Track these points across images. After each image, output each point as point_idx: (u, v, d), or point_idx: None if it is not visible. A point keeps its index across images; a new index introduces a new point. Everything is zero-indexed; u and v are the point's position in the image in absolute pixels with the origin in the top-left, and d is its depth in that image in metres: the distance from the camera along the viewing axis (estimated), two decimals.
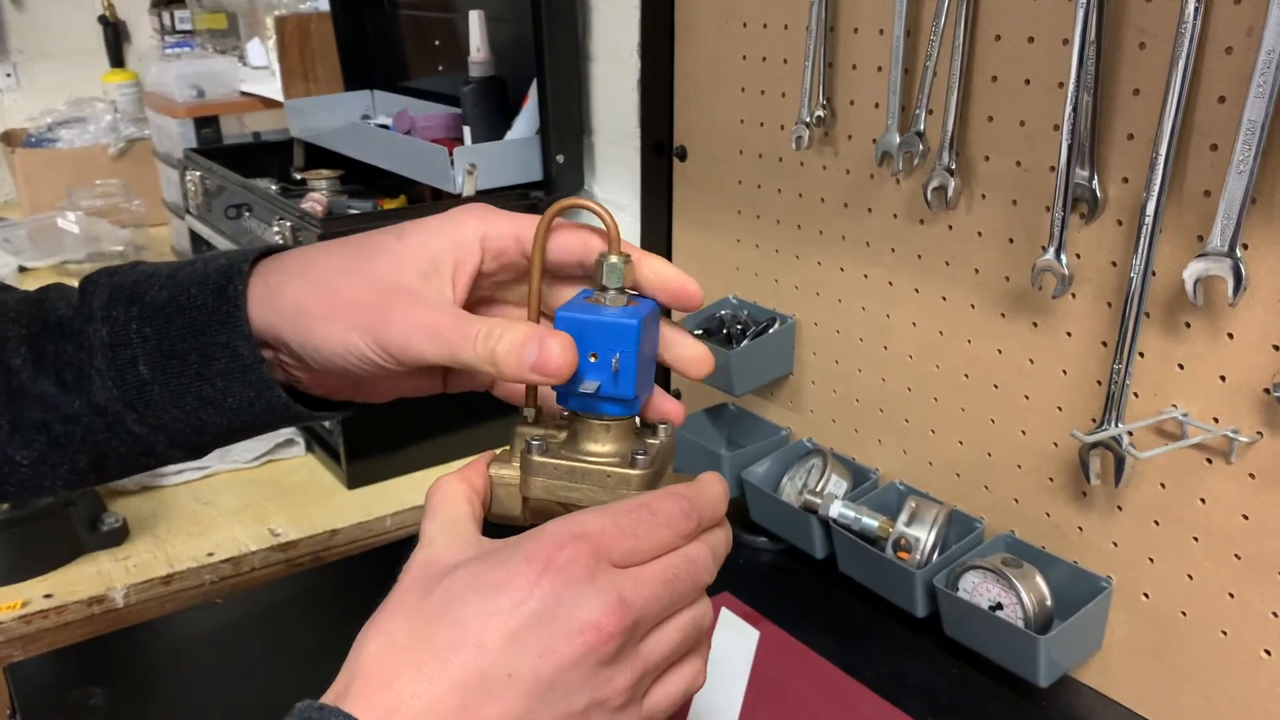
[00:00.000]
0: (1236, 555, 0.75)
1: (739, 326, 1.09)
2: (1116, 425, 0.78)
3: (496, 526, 0.50)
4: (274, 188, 1.60)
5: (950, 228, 0.89)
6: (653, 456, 0.48)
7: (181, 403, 0.51)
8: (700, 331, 1.10)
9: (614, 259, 0.47)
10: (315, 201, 1.50)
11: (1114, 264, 0.78)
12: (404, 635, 0.41)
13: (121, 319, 0.51)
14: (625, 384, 0.47)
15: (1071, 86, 0.73)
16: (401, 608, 0.42)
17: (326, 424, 1.27)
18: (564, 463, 0.48)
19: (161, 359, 0.50)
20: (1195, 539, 0.77)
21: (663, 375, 1.33)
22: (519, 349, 0.46)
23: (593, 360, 0.46)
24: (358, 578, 1.06)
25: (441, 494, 0.48)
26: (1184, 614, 0.79)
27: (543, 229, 0.49)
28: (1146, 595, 0.82)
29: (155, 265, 0.53)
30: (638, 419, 0.51)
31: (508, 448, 0.51)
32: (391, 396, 0.56)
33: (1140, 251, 0.72)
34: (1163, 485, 0.78)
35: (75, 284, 0.54)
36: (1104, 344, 0.80)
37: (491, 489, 0.50)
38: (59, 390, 0.51)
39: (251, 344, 0.50)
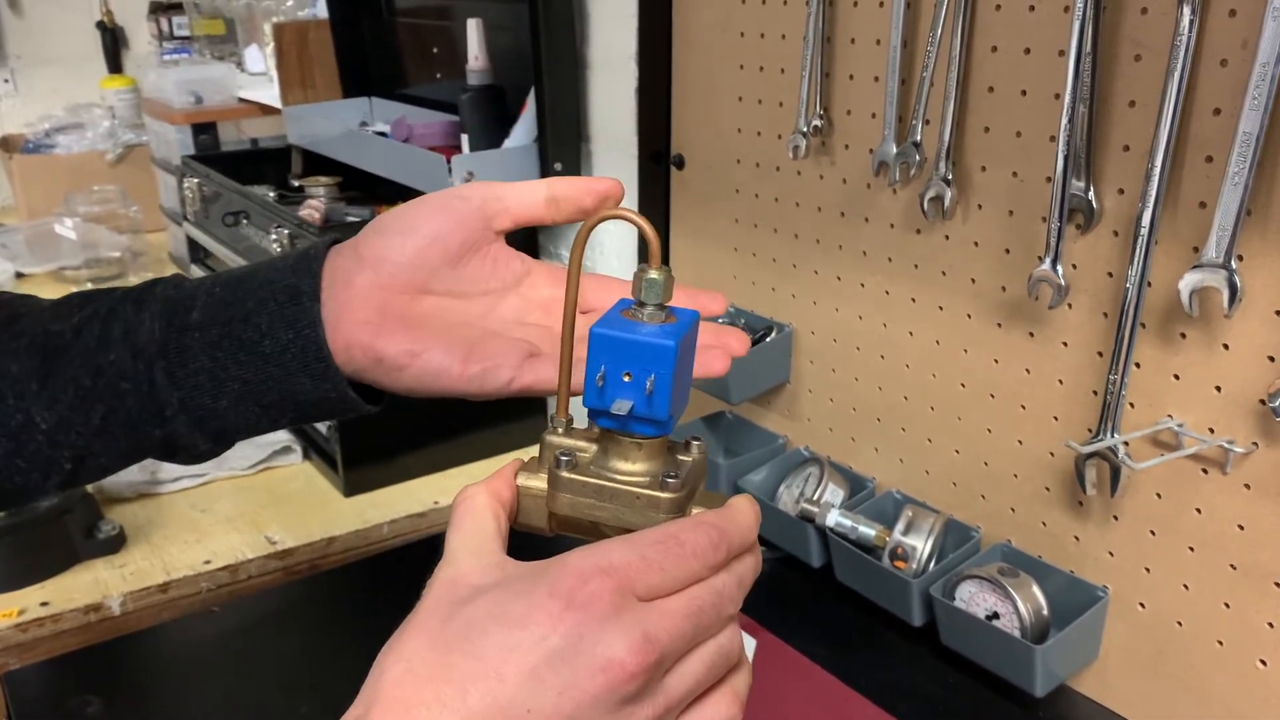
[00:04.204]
0: (1232, 565, 0.75)
1: None
2: (1112, 435, 0.78)
3: (522, 538, 0.49)
4: (271, 194, 1.60)
5: (947, 238, 0.90)
6: (684, 478, 0.47)
7: (215, 350, 0.52)
8: None
9: (653, 274, 0.45)
10: (313, 208, 1.50)
11: (1110, 275, 0.78)
12: (423, 662, 0.40)
13: (194, 285, 0.55)
14: (659, 406, 0.45)
15: (1067, 98, 0.73)
16: (422, 632, 0.42)
17: (324, 431, 1.27)
18: (592, 481, 0.47)
19: (217, 308, 0.53)
20: (1191, 549, 0.77)
21: None
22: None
23: (626, 380, 0.45)
24: (355, 586, 1.06)
25: (467, 506, 0.47)
26: (1180, 624, 0.79)
27: (581, 241, 0.47)
28: (1143, 605, 0.82)
29: None
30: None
31: (536, 456, 0.50)
32: (420, 374, 0.56)
33: (1136, 262, 0.72)
34: (1159, 495, 0.79)
35: (73, 290, 0.58)
36: (1100, 354, 0.80)
37: (518, 499, 0.50)
38: (100, 344, 0.53)
39: (315, 284, 0.53)
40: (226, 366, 0.53)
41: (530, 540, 0.49)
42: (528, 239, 1.35)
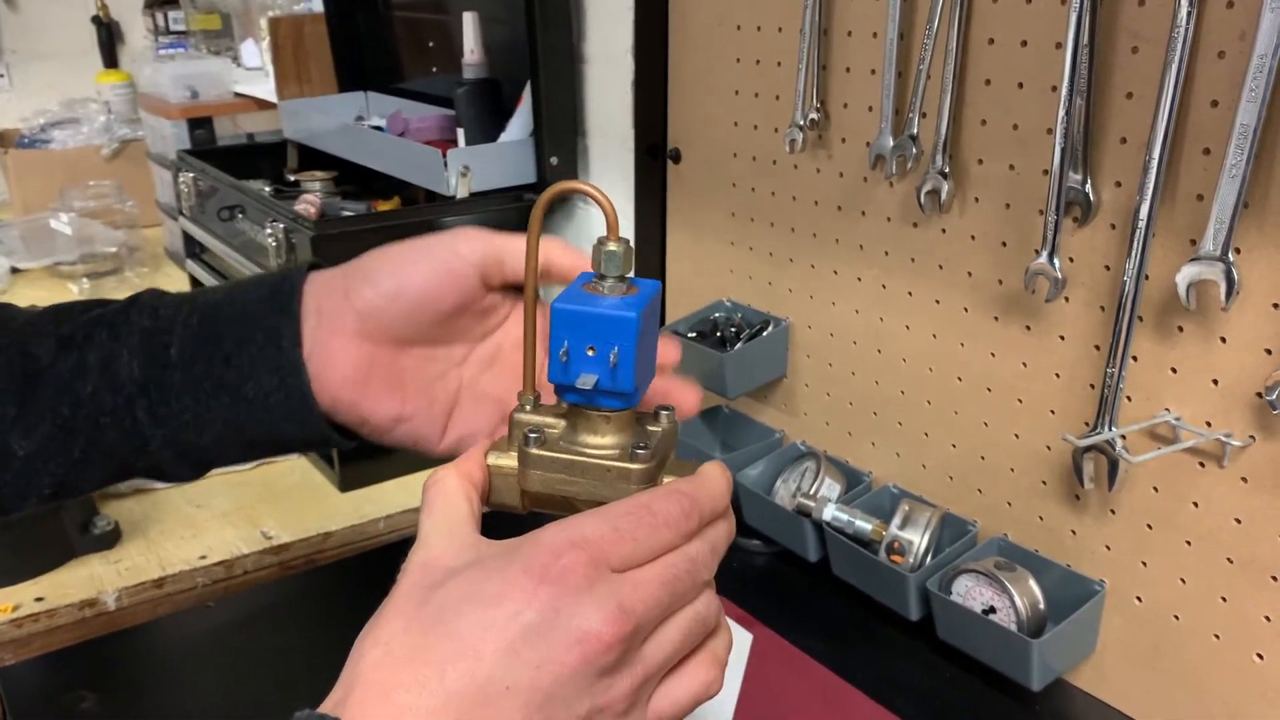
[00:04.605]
0: (1229, 559, 0.75)
1: (733, 329, 1.09)
2: (1109, 429, 0.78)
3: (495, 516, 0.49)
4: (267, 189, 1.60)
5: (944, 231, 0.89)
6: (654, 449, 0.47)
7: (197, 390, 0.52)
8: (694, 334, 1.10)
9: (612, 245, 0.45)
10: (309, 203, 1.50)
11: (1107, 268, 0.78)
12: (401, 645, 0.40)
13: (170, 312, 0.53)
14: (624, 378, 0.45)
15: (1064, 90, 0.73)
16: (399, 615, 0.42)
17: None
18: (562, 456, 0.47)
19: (195, 344, 0.52)
20: (1188, 543, 0.77)
21: None
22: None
23: (590, 354, 0.45)
24: (351, 581, 1.06)
25: (438, 489, 0.47)
26: (1177, 618, 0.79)
27: (538, 217, 0.47)
28: (1139, 599, 0.82)
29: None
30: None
31: (505, 435, 0.50)
32: (402, 438, 0.56)
33: (1133, 255, 0.72)
34: (1155, 489, 0.78)
35: (69, 285, 0.57)
36: (1097, 347, 0.80)
37: (490, 479, 0.49)
38: (76, 373, 0.52)
39: (295, 326, 0.52)
40: (210, 407, 0.52)
41: (505, 519, 0.49)
42: (521, 223, 1.35)
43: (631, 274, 0.47)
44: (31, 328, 0.54)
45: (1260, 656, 0.75)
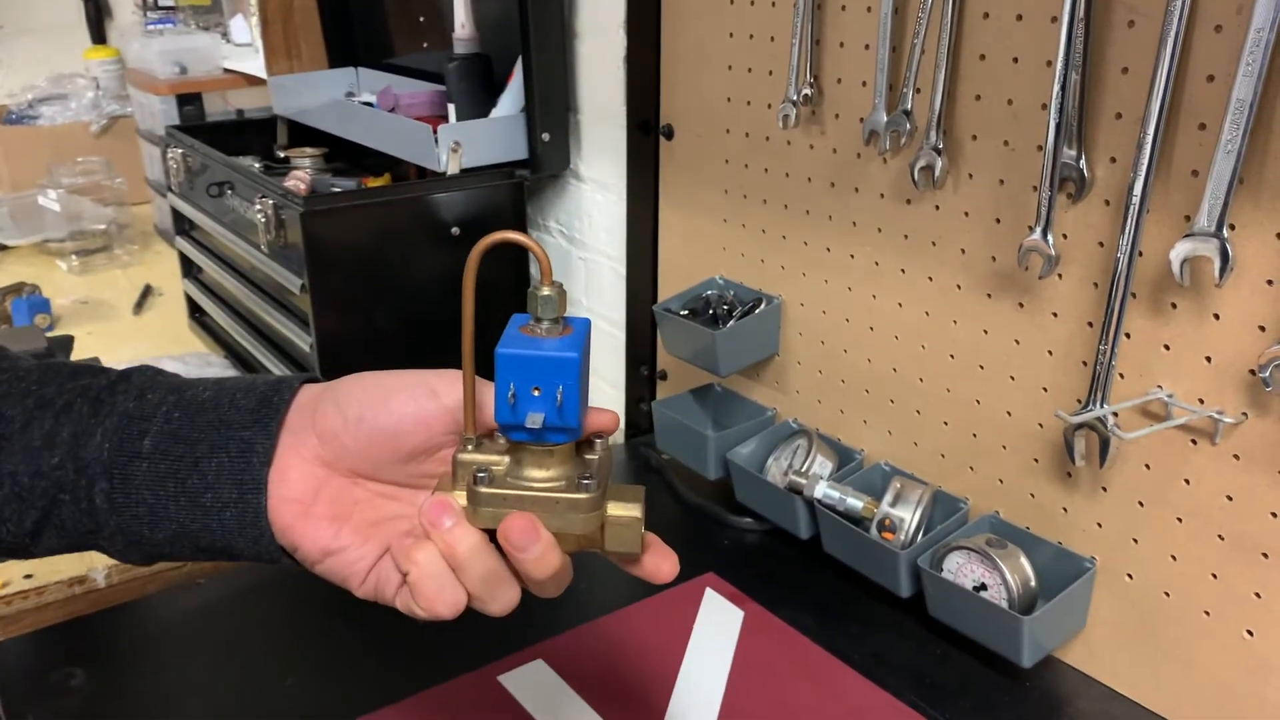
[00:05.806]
0: (1220, 536, 0.75)
1: (725, 307, 1.09)
2: (1102, 406, 0.77)
3: None
4: (257, 166, 1.59)
5: (937, 208, 0.89)
6: (597, 477, 0.49)
7: (158, 487, 0.51)
8: (686, 312, 1.10)
9: (546, 290, 0.48)
10: (298, 179, 1.49)
11: (1101, 244, 0.77)
12: None
13: (155, 399, 0.52)
14: (570, 414, 0.47)
15: (1060, 65, 0.72)
16: None
17: None
18: (512, 492, 0.49)
19: (169, 441, 0.51)
20: (1179, 520, 0.77)
21: (649, 355, 1.31)
22: None
23: (536, 394, 0.47)
24: None
25: None
26: (1167, 595, 0.79)
27: (474, 262, 0.48)
28: (1130, 576, 0.82)
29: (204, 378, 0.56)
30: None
31: (449, 475, 0.52)
32: (325, 571, 0.55)
33: (1127, 232, 0.72)
34: (1147, 466, 0.78)
35: (57, 261, 0.56)
36: (1090, 325, 0.80)
37: None
38: (44, 444, 0.51)
39: (271, 443, 0.51)
40: (167, 507, 0.52)
41: None
42: (516, 213, 1.34)
43: (565, 314, 0.49)
44: (14, 384, 0.53)
45: (1250, 633, 0.75)
